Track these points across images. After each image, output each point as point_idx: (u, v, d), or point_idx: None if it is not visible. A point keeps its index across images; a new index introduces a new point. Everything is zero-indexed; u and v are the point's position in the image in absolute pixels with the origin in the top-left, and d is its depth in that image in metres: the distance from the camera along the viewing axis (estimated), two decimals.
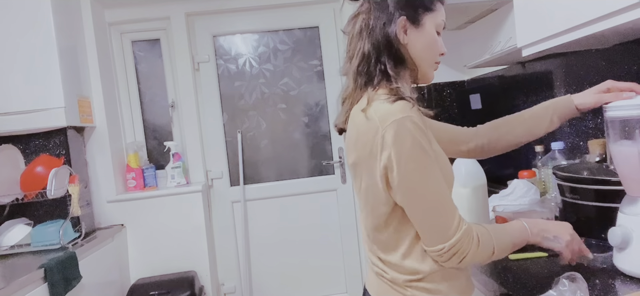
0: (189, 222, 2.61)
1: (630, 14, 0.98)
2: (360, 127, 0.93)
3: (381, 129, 0.88)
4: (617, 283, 0.96)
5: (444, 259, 0.90)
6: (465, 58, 2.51)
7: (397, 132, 0.86)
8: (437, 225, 0.89)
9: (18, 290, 1.61)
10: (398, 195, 0.90)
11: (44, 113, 2.20)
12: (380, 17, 0.95)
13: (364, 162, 0.93)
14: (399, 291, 0.96)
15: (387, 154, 0.88)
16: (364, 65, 0.97)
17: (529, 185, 1.60)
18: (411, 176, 0.88)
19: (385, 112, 0.89)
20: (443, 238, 0.89)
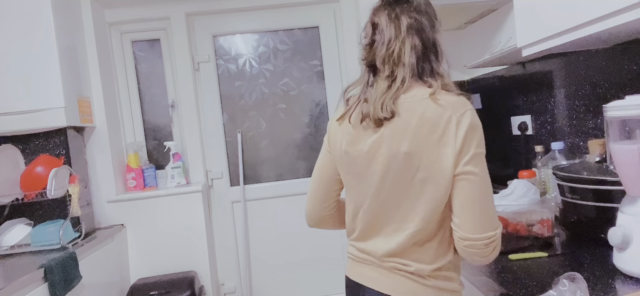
0: (189, 221, 2.61)
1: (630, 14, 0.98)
2: (425, 113, 0.94)
3: (455, 116, 0.92)
4: (617, 283, 0.96)
5: (486, 246, 0.93)
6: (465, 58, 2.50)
7: (472, 120, 0.92)
8: (492, 213, 0.95)
9: (18, 290, 1.61)
10: (467, 178, 0.93)
11: (44, 113, 2.20)
12: (428, 21, 1.03)
13: (429, 148, 0.94)
14: (420, 282, 0.99)
15: (462, 137, 0.91)
16: (418, 60, 0.99)
17: (529, 185, 1.60)
18: (481, 160, 0.93)
19: (456, 102, 0.93)
20: (494, 226, 0.94)
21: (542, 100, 1.91)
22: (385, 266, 1.03)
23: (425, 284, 0.99)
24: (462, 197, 0.94)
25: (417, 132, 0.94)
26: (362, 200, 1.05)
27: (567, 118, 1.76)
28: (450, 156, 0.92)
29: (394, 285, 1.01)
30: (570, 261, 1.12)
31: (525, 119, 2.04)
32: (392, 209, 1.01)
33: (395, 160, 0.97)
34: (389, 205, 1.01)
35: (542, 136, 1.94)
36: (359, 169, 1.03)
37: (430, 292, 0.99)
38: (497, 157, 2.31)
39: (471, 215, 0.93)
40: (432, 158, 0.93)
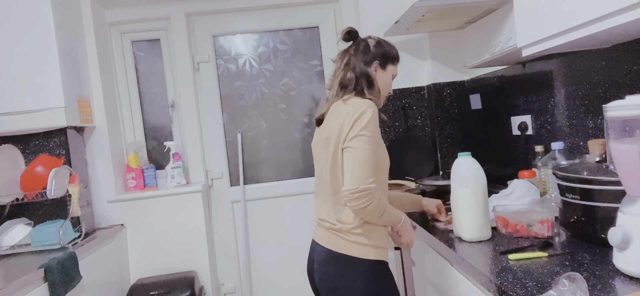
0: (189, 222, 2.61)
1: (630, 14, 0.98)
2: (339, 109, 1.41)
3: (353, 108, 1.37)
4: (617, 283, 0.96)
5: (355, 197, 1.30)
6: (465, 58, 2.51)
7: (365, 110, 1.35)
8: (359, 174, 1.31)
9: (18, 290, 1.61)
10: (348, 149, 1.34)
11: (44, 113, 2.20)
12: (363, 58, 1.49)
13: (336, 132, 1.38)
14: (344, 238, 1.40)
15: (352, 121, 1.34)
16: (345, 83, 1.48)
17: (529, 185, 1.60)
18: (363, 137, 1.33)
19: (358, 101, 1.41)
20: (362, 181, 1.30)
21: (542, 100, 1.91)
22: (322, 225, 1.48)
23: (347, 239, 1.40)
24: (344, 161, 1.35)
25: (333, 122, 1.40)
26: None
27: (567, 118, 1.77)
28: (345, 134, 1.35)
29: (326, 238, 1.46)
30: (570, 261, 1.12)
31: (525, 119, 2.04)
32: (325, 185, 1.46)
33: (321, 147, 1.46)
34: (323, 181, 1.47)
35: (542, 136, 1.95)
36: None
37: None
38: (497, 157, 2.31)
39: (347, 173, 1.33)
40: (338, 138, 1.38)
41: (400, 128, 2.69)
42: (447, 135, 2.65)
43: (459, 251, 1.35)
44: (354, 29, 1.55)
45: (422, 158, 2.65)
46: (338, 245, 1.40)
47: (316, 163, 1.52)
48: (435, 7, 1.93)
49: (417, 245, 1.81)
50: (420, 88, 2.71)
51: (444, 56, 2.62)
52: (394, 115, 2.69)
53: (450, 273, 1.46)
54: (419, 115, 2.72)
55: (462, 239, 1.44)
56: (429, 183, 2.20)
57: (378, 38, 1.55)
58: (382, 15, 2.60)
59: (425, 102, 2.72)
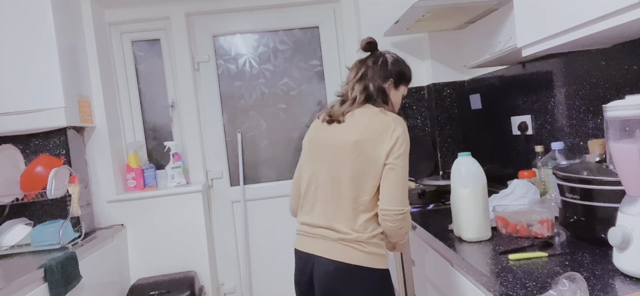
0: (189, 222, 2.61)
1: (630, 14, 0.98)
2: (374, 118, 1.40)
3: (393, 123, 1.38)
4: (617, 283, 0.96)
5: (398, 218, 1.34)
6: (465, 58, 2.51)
7: (404, 129, 1.40)
8: (405, 194, 1.36)
9: (18, 290, 1.61)
10: (393, 167, 1.35)
11: (44, 113, 2.20)
12: (380, 74, 1.50)
13: (370, 141, 1.36)
14: (358, 248, 1.35)
15: (395, 138, 1.36)
16: (372, 94, 1.47)
17: (529, 185, 1.60)
18: (405, 156, 1.38)
19: (396, 116, 1.43)
20: (405, 203, 1.36)
21: (542, 100, 1.91)
22: (329, 236, 1.40)
23: (363, 249, 1.37)
24: (390, 180, 1.36)
25: (367, 129, 1.38)
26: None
27: (567, 118, 1.77)
28: (387, 149, 1.36)
29: (336, 250, 1.40)
30: (570, 261, 1.12)
31: (525, 119, 2.04)
32: (342, 193, 1.41)
33: (345, 149, 1.39)
34: (342, 188, 1.42)
35: (542, 136, 1.95)
36: (318, 151, 1.48)
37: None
38: (497, 157, 2.31)
39: (394, 192, 1.35)
40: (372, 148, 1.37)
41: None
42: (447, 135, 2.65)
43: (459, 252, 1.35)
44: (374, 41, 1.56)
45: (422, 158, 2.65)
46: (351, 256, 1.35)
47: (320, 162, 1.44)
48: (435, 7, 1.93)
49: (417, 245, 1.81)
50: (420, 88, 2.71)
51: (444, 56, 2.62)
52: None
53: (450, 273, 1.46)
54: (419, 115, 2.72)
55: (462, 239, 1.44)
56: (429, 183, 2.20)
57: (396, 56, 1.56)
58: (382, 15, 2.60)
59: (425, 102, 2.72)
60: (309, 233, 1.44)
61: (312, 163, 1.47)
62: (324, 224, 1.40)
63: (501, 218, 1.45)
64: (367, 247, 1.35)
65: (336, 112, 1.48)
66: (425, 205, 2.02)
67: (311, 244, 1.42)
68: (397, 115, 1.44)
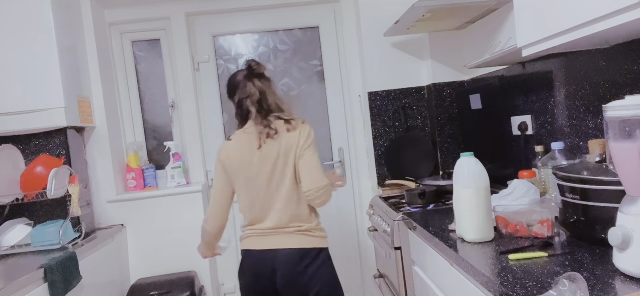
0: (189, 222, 2.61)
1: (630, 14, 0.98)
2: (285, 132, 1.70)
3: (303, 129, 1.71)
4: (617, 283, 0.96)
5: (318, 194, 1.67)
6: (465, 58, 2.51)
7: (309, 130, 1.73)
8: (321, 173, 1.68)
9: (18, 290, 1.61)
10: (303, 155, 1.68)
11: (44, 113, 2.20)
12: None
13: (292, 150, 1.68)
14: (312, 234, 1.72)
15: (304, 137, 1.70)
16: (273, 108, 1.78)
17: (529, 185, 1.60)
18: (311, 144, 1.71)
19: (300, 123, 1.74)
20: (323, 180, 1.68)
21: (542, 100, 1.91)
22: (285, 230, 1.71)
23: (313, 235, 1.74)
24: (305, 165, 1.68)
25: (283, 143, 1.70)
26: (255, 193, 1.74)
27: (567, 118, 1.77)
28: (298, 150, 1.69)
29: (294, 240, 1.72)
30: (570, 261, 1.12)
31: (525, 119, 2.04)
32: (280, 196, 1.72)
33: (273, 164, 1.70)
34: (279, 191, 1.73)
35: (542, 136, 1.95)
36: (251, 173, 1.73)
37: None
38: (497, 157, 2.31)
39: (311, 174, 1.68)
40: (293, 155, 1.69)
41: (400, 128, 2.69)
42: (447, 135, 2.65)
43: (459, 251, 1.35)
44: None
45: (422, 158, 2.65)
46: (308, 242, 1.71)
47: (252, 182, 1.72)
48: (435, 7, 1.93)
49: (417, 245, 1.81)
50: (420, 88, 2.71)
51: (444, 56, 2.62)
52: (394, 115, 2.69)
53: (450, 273, 1.46)
54: (419, 115, 2.72)
55: (464, 240, 1.44)
56: (429, 183, 2.20)
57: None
58: (382, 15, 2.60)
59: (425, 102, 2.72)
60: (270, 232, 1.74)
61: (255, 183, 1.78)
62: (282, 223, 1.72)
63: (501, 218, 1.45)
64: (317, 233, 1.74)
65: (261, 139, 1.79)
66: (425, 205, 2.02)
67: (272, 240, 1.72)
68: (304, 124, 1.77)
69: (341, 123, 2.91)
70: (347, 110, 2.91)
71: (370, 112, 2.68)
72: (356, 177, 2.92)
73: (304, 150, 1.68)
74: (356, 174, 2.91)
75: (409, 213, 1.94)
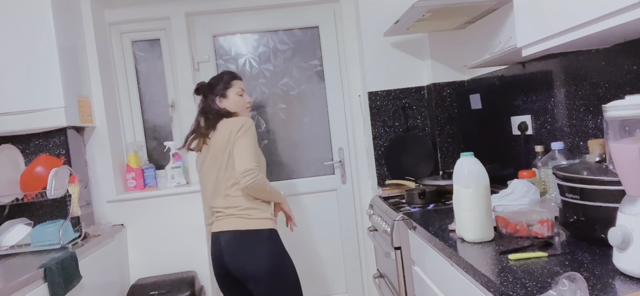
0: (189, 222, 2.61)
1: (630, 14, 0.98)
2: (221, 130, 1.95)
3: (232, 125, 1.92)
4: (617, 283, 0.96)
5: (246, 177, 1.83)
6: (465, 58, 2.51)
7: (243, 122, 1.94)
8: (248, 161, 1.85)
9: (18, 290, 1.61)
10: (234, 147, 1.88)
11: (44, 113, 2.20)
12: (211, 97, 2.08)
13: (226, 144, 1.91)
14: (246, 216, 1.90)
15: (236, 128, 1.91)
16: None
17: (529, 185, 1.60)
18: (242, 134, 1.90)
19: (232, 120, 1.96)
20: (248, 165, 1.84)
21: (542, 100, 1.91)
22: (224, 213, 1.94)
23: (249, 215, 1.92)
24: (237, 155, 1.87)
25: (218, 139, 1.95)
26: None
27: (567, 118, 1.77)
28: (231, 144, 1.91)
29: (233, 222, 1.93)
30: (570, 261, 1.12)
31: (525, 119, 2.04)
32: (218, 182, 1.97)
33: (208, 160, 1.99)
34: (213, 179, 1.99)
35: (542, 136, 1.95)
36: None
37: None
38: (497, 157, 2.31)
39: (240, 163, 1.86)
40: (229, 149, 1.90)
41: (400, 128, 2.69)
42: (447, 135, 2.65)
43: (459, 251, 1.35)
44: (198, 86, 2.12)
45: (422, 158, 2.65)
46: (243, 224, 1.88)
47: (206, 176, 2.00)
48: (435, 7, 1.93)
49: (417, 245, 1.81)
50: (420, 88, 2.71)
51: (444, 56, 2.62)
52: (394, 115, 2.69)
53: (450, 273, 1.46)
54: (419, 115, 2.72)
55: (464, 240, 1.44)
56: (429, 183, 2.20)
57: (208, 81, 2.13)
58: (382, 15, 2.61)
59: (425, 102, 2.72)
60: (213, 219, 1.99)
61: (205, 178, 2.06)
62: (218, 208, 1.95)
63: (501, 218, 1.45)
64: (252, 214, 1.90)
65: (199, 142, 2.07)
66: (425, 205, 2.02)
67: (214, 226, 1.97)
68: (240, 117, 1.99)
69: (341, 123, 2.91)
70: (347, 110, 2.91)
71: (370, 112, 2.68)
72: (356, 177, 2.92)
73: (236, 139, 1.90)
74: (356, 174, 2.91)
75: (409, 213, 1.94)
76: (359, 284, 2.93)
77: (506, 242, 1.36)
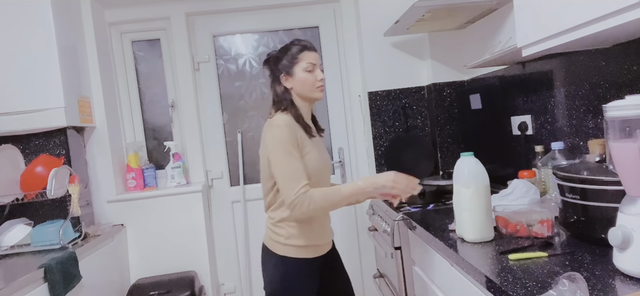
0: (189, 221, 2.61)
1: (630, 14, 0.98)
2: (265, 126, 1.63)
3: (268, 132, 1.57)
4: (617, 283, 0.96)
5: (295, 212, 1.49)
6: (465, 58, 2.51)
7: (269, 124, 1.58)
8: (289, 188, 1.49)
9: (18, 290, 1.61)
10: (270, 162, 1.55)
11: (44, 113, 2.20)
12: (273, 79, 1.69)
13: (263, 150, 1.60)
14: (270, 229, 1.65)
15: (265, 138, 1.59)
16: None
17: (529, 185, 1.60)
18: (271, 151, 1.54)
19: (269, 123, 1.60)
20: (291, 195, 1.48)
21: (542, 100, 1.91)
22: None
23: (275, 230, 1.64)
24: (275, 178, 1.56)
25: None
26: None
27: (567, 118, 1.77)
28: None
29: (267, 237, 1.70)
30: (570, 261, 1.12)
31: (525, 119, 2.04)
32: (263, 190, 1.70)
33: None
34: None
35: (542, 136, 1.95)
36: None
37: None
38: (497, 157, 2.31)
39: (280, 188, 1.54)
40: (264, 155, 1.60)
41: (400, 128, 2.69)
42: (447, 135, 2.65)
43: (459, 251, 1.35)
44: (267, 58, 1.70)
45: (422, 158, 2.65)
46: (267, 238, 1.67)
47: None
48: (435, 7, 1.93)
49: (417, 245, 1.81)
50: (420, 88, 2.71)
51: (444, 56, 2.62)
52: (394, 115, 2.69)
53: (450, 273, 1.46)
54: (419, 115, 2.72)
55: (464, 240, 1.44)
56: (429, 183, 2.20)
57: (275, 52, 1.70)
58: (382, 15, 2.61)
59: (425, 102, 2.72)
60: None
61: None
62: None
63: (501, 218, 1.45)
64: (271, 230, 1.64)
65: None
66: (425, 205, 2.02)
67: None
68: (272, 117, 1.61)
69: (341, 123, 2.91)
70: (347, 110, 2.91)
71: (370, 112, 2.68)
72: (356, 177, 2.92)
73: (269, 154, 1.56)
74: (356, 174, 2.91)
75: (409, 213, 1.94)
76: (359, 284, 2.93)
77: (506, 242, 1.36)
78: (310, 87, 1.62)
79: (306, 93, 1.63)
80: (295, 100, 1.65)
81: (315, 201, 1.49)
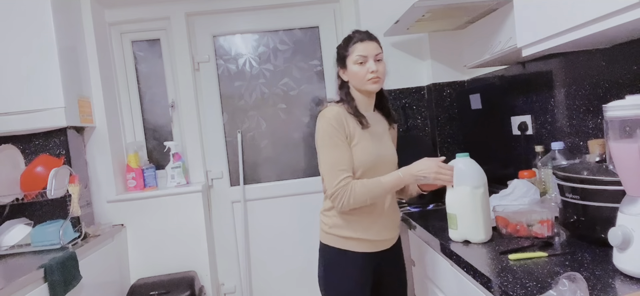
0: (189, 221, 2.61)
1: (630, 14, 0.98)
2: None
3: (317, 124, 1.58)
4: (617, 283, 0.96)
5: (336, 203, 1.49)
6: (465, 58, 2.51)
7: (318, 117, 1.59)
8: (331, 179, 1.49)
9: (18, 290, 1.61)
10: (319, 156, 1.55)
11: (44, 113, 2.20)
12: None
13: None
14: (321, 220, 1.65)
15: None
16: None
17: (529, 185, 1.60)
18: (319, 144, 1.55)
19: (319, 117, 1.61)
20: (333, 187, 1.48)
21: (542, 100, 1.92)
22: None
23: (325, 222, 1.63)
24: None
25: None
26: None
27: (567, 118, 1.77)
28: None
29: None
30: (570, 261, 1.12)
31: (525, 119, 2.04)
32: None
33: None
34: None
35: (542, 136, 1.95)
36: None
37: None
38: (497, 157, 2.31)
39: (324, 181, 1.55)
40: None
41: (400, 128, 2.69)
42: (447, 135, 2.65)
43: (459, 251, 1.35)
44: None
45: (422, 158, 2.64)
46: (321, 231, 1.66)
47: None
48: (435, 7, 1.93)
49: (417, 245, 1.81)
50: (420, 88, 2.71)
51: (444, 56, 2.62)
52: None
53: (450, 273, 1.46)
54: (419, 115, 2.72)
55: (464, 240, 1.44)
56: None
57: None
58: (382, 15, 2.60)
59: (425, 102, 2.72)
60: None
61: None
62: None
63: (501, 218, 1.45)
64: (321, 224, 1.64)
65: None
66: (425, 205, 2.02)
67: None
68: (323, 110, 1.60)
69: None
70: None
71: None
72: None
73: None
74: None
75: (409, 213, 1.94)
76: None
77: (506, 242, 1.36)
78: (361, 79, 1.59)
79: (359, 85, 1.62)
80: (352, 93, 1.65)
81: (356, 193, 1.47)
